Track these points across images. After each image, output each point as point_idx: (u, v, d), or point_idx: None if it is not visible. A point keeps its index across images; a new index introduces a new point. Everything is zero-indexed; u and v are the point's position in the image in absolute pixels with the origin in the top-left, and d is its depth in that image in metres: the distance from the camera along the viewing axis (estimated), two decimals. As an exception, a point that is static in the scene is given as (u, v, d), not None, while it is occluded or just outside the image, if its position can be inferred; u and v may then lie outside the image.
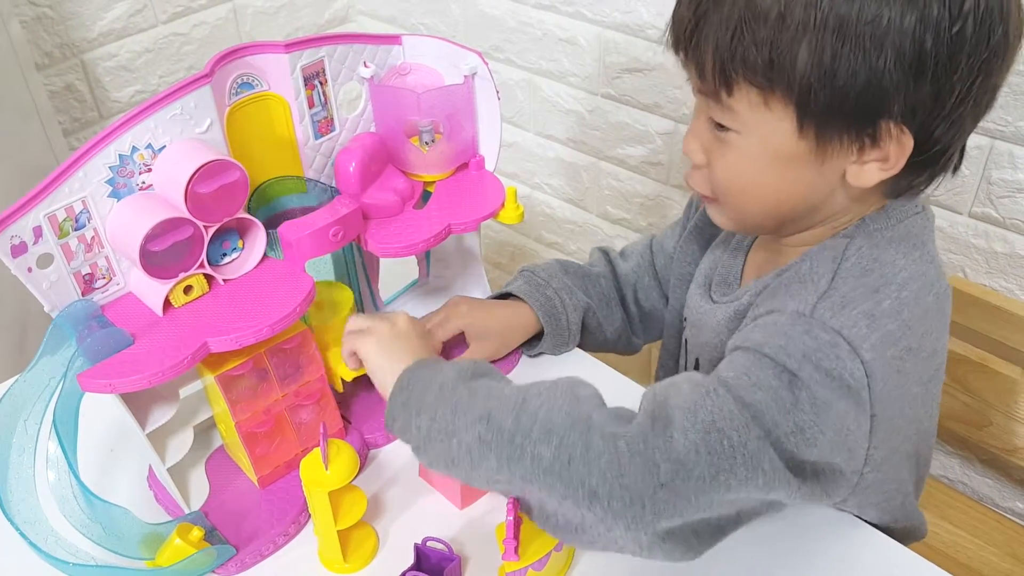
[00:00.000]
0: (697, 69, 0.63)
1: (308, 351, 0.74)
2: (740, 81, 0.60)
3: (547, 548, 0.65)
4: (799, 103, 0.59)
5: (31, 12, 1.22)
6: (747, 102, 0.61)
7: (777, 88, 0.59)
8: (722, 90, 0.62)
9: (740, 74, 0.60)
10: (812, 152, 0.62)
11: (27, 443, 0.65)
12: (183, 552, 0.67)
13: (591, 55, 1.32)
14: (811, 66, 0.57)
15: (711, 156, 0.67)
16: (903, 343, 0.62)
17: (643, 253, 0.94)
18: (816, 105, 0.59)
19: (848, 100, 0.58)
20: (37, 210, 0.62)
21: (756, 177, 0.65)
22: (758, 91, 0.60)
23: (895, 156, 0.60)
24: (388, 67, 0.81)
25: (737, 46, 0.59)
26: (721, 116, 0.64)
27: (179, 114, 0.66)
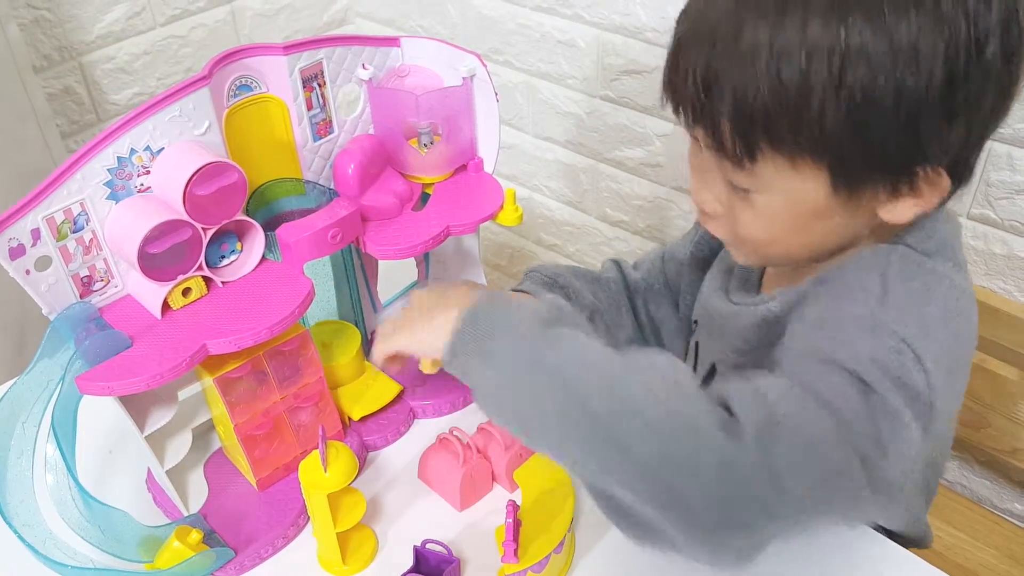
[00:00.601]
0: (712, 137, 0.58)
1: (307, 353, 0.74)
2: (764, 148, 0.57)
3: (547, 550, 0.65)
4: (832, 164, 0.56)
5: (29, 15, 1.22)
6: (773, 166, 0.58)
7: (807, 151, 0.56)
8: (744, 158, 0.58)
9: (764, 141, 0.56)
10: (844, 204, 0.59)
11: (25, 446, 0.65)
12: (182, 555, 0.67)
13: (589, 57, 1.32)
14: (840, 119, 0.54)
15: (730, 209, 0.63)
16: (953, 353, 0.60)
17: (654, 262, 0.91)
18: (848, 162, 0.56)
19: (884, 156, 0.56)
20: (35, 212, 0.62)
21: (784, 233, 0.62)
22: (785, 155, 0.57)
23: (930, 195, 0.58)
24: (387, 69, 0.81)
25: (760, 113, 0.55)
26: (741, 180, 0.60)
27: (178, 116, 0.66)
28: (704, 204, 0.65)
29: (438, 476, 0.76)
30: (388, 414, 0.83)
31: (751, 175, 0.59)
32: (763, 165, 0.58)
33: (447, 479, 0.75)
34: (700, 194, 0.65)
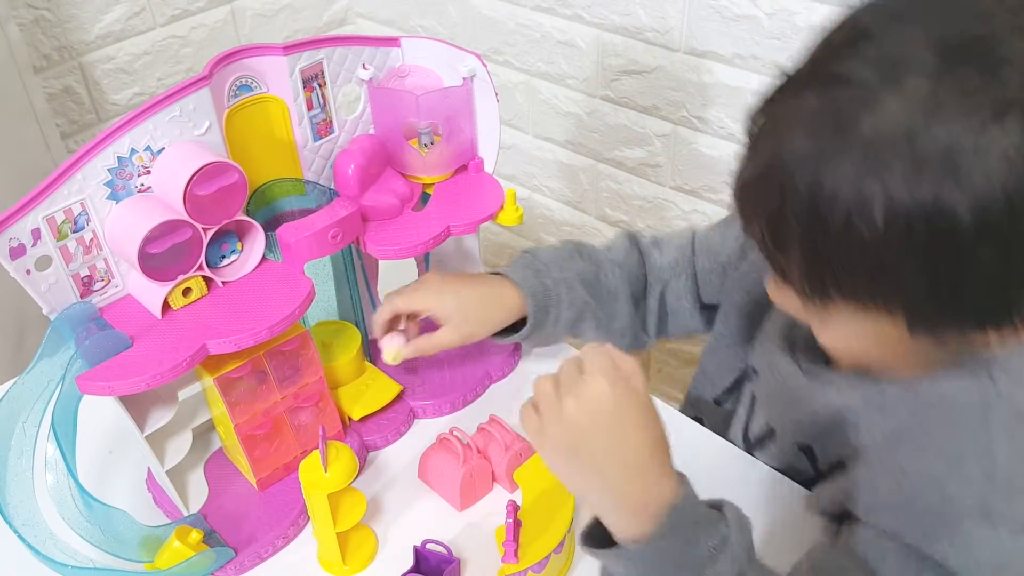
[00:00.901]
0: (781, 276, 0.55)
1: (307, 353, 0.74)
2: (836, 297, 0.53)
3: (547, 550, 0.65)
4: (909, 316, 0.52)
5: (29, 15, 1.22)
6: (845, 312, 0.54)
7: (881, 303, 0.52)
8: (818, 303, 0.54)
9: (836, 292, 0.52)
10: (924, 342, 0.54)
11: (26, 446, 0.65)
12: (182, 555, 0.67)
13: (589, 57, 1.32)
14: (923, 287, 0.49)
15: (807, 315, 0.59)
16: None
17: (683, 248, 0.87)
18: (929, 317, 0.52)
19: (966, 312, 0.51)
20: (36, 212, 0.62)
21: (859, 351, 0.60)
22: (861, 307, 0.53)
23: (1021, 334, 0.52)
24: (387, 69, 0.81)
25: (832, 267, 0.51)
26: (814, 320, 0.57)
27: (178, 116, 0.66)
28: (779, 304, 0.61)
29: (438, 476, 0.76)
30: (388, 414, 0.83)
31: (826, 314, 0.56)
32: (835, 312, 0.55)
33: (447, 479, 0.75)
34: (775, 295, 0.61)
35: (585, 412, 0.55)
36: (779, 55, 1.12)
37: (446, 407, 0.85)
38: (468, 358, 0.88)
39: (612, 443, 0.55)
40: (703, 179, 1.29)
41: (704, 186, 1.29)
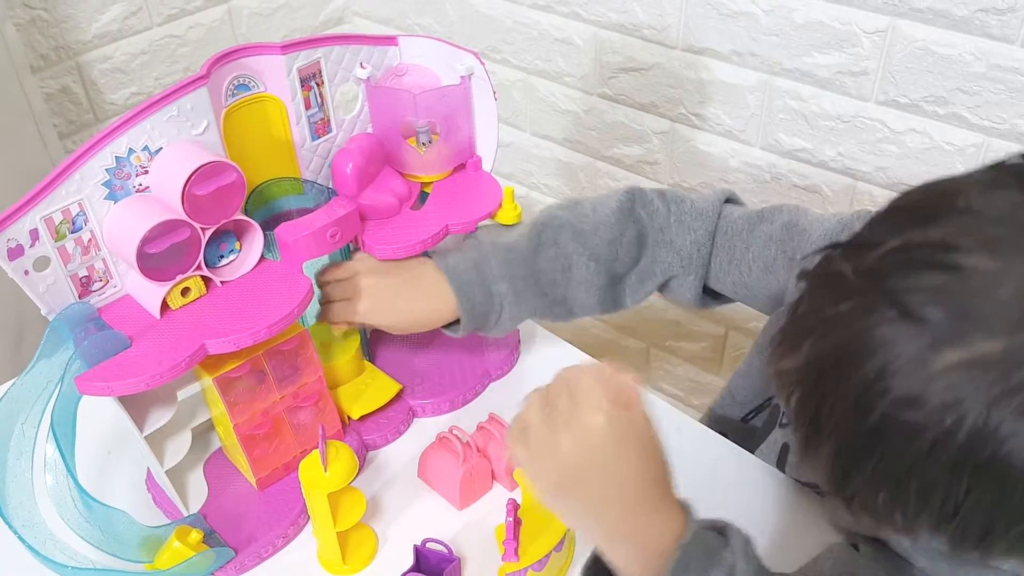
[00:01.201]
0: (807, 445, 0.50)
1: (306, 353, 0.74)
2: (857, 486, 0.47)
3: (547, 549, 0.65)
4: (952, 535, 0.46)
5: (26, 15, 1.22)
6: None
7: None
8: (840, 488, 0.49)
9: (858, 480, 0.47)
10: None
11: (25, 446, 0.65)
12: (182, 555, 0.67)
13: (587, 55, 1.32)
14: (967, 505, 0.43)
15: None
16: None
17: (702, 246, 0.79)
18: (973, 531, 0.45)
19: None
20: (34, 213, 0.62)
21: None
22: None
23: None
24: (384, 68, 0.81)
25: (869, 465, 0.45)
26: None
27: (175, 116, 0.66)
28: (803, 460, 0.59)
29: (438, 475, 0.76)
30: (388, 413, 0.83)
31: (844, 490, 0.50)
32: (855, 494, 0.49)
33: (447, 478, 0.75)
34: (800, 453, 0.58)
35: (580, 449, 0.52)
36: (777, 52, 1.12)
37: (445, 406, 0.85)
38: (467, 356, 0.89)
39: (609, 482, 0.52)
40: (701, 176, 1.29)
41: (702, 183, 1.29)
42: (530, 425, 0.55)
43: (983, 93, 0.98)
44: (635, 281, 0.81)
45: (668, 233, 0.80)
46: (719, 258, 0.80)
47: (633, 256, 0.80)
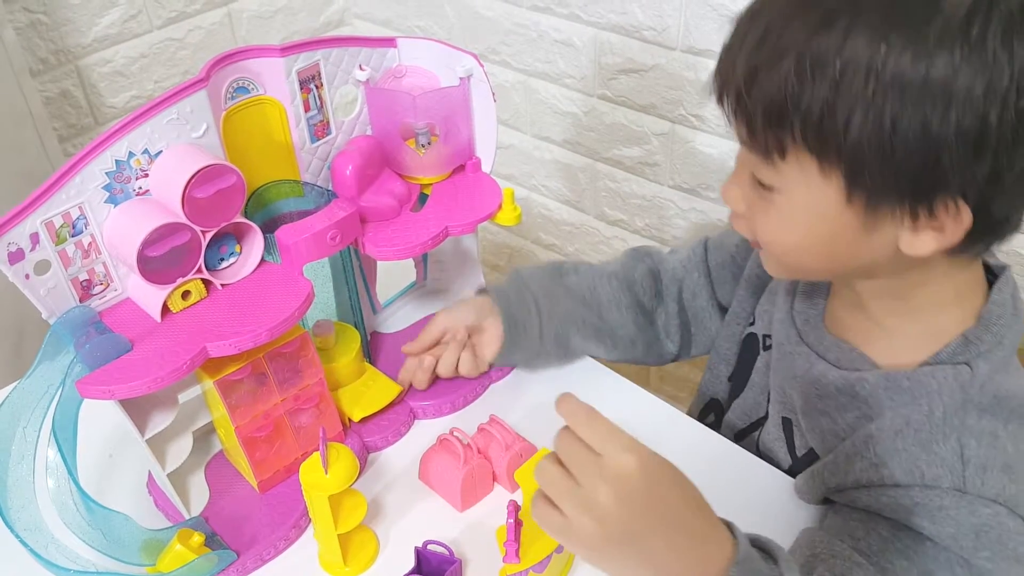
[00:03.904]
0: (747, 126, 0.60)
1: (307, 355, 0.74)
2: (792, 144, 0.57)
3: (548, 550, 0.65)
4: (849, 172, 0.56)
5: (25, 18, 1.22)
6: (799, 164, 0.58)
7: (829, 154, 0.56)
8: (774, 151, 0.58)
9: (792, 136, 0.57)
10: (860, 220, 0.59)
11: (26, 450, 0.65)
12: (184, 558, 0.67)
13: (587, 56, 1.32)
14: (865, 134, 0.54)
15: (753, 211, 0.64)
16: None
17: (695, 249, 0.89)
18: (868, 177, 0.56)
19: (903, 174, 0.55)
20: (34, 217, 0.62)
21: (799, 240, 0.62)
22: (811, 155, 0.57)
23: (951, 230, 0.57)
24: (383, 70, 0.81)
25: (791, 107, 0.55)
26: (766, 175, 0.61)
27: (175, 119, 0.66)
28: (729, 200, 0.66)
29: (439, 477, 0.76)
30: (388, 415, 0.83)
31: (777, 172, 0.60)
32: (790, 164, 0.58)
33: (448, 480, 0.75)
34: (728, 191, 0.66)
35: (621, 498, 0.51)
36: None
37: (446, 407, 0.85)
38: (468, 358, 0.88)
39: (658, 524, 0.52)
40: (701, 177, 1.29)
41: (702, 184, 1.29)
42: (558, 492, 0.53)
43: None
44: (671, 305, 0.90)
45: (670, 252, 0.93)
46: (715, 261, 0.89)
47: (649, 279, 0.89)
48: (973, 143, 0.52)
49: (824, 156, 0.56)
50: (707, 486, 0.56)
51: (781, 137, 0.57)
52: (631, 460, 0.51)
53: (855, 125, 0.54)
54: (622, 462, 0.51)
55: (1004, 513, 0.59)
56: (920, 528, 0.61)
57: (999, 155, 0.53)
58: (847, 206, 0.58)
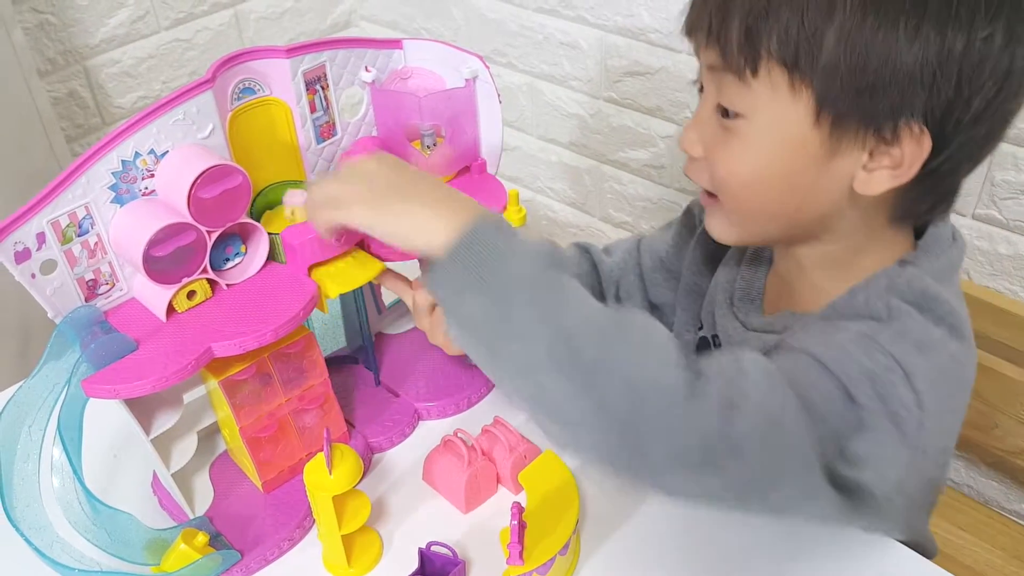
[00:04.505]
0: (721, 46, 0.60)
1: (312, 355, 0.74)
2: (766, 58, 0.58)
3: (551, 552, 0.65)
4: (821, 88, 0.58)
5: (34, 19, 1.23)
6: (769, 83, 0.59)
7: (803, 68, 0.58)
8: (747, 68, 0.59)
9: (767, 48, 0.58)
10: (823, 145, 0.60)
11: (31, 449, 0.65)
12: (188, 557, 0.67)
13: (593, 59, 1.32)
14: (842, 51, 0.56)
15: (712, 150, 0.65)
16: (952, 376, 0.62)
17: (630, 251, 0.92)
18: (839, 92, 0.57)
19: (873, 92, 0.57)
20: (40, 216, 0.62)
21: (759, 168, 0.63)
22: (783, 70, 0.58)
23: (910, 158, 0.59)
24: (389, 71, 0.81)
25: (768, 20, 0.57)
26: (734, 99, 0.61)
27: (181, 119, 0.66)
28: (686, 144, 0.67)
29: (443, 478, 0.76)
30: (393, 416, 0.83)
31: (748, 91, 0.60)
32: (761, 81, 0.60)
33: (452, 481, 0.75)
34: (686, 135, 0.67)
35: (378, 162, 0.62)
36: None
37: (450, 409, 0.85)
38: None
39: (415, 177, 0.61)
40: (707, 180, 1.29)
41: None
42: (324, 183, 0.63)
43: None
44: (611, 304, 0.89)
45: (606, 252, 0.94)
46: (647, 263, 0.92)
47: (595, 277, 0.92)
48: (940, 68, 0.55)
49: (796, 70, 0.58)
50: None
51: (756, 50, 0.59)
52: (366, 159, 0.63)
53: (830, 38, 0.56)
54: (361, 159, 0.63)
55: (900, 376, 0.58)
56: (813, 351, 0.60)
57: (961, 85, 0.56)
58: (813, 127, 0.59)
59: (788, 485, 0.55)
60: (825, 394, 0.57)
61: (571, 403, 0.52)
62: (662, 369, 0.52)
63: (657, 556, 0.71)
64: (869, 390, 0.58)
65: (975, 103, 0.57)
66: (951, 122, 0.58)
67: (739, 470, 0.53)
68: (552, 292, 0.54)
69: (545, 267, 0.54)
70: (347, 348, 0.91)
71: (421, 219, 0.57)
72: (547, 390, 0.52)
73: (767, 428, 0.53)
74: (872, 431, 0.58)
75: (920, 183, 0.60)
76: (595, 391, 0.51)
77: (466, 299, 0.54)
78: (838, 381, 0.58)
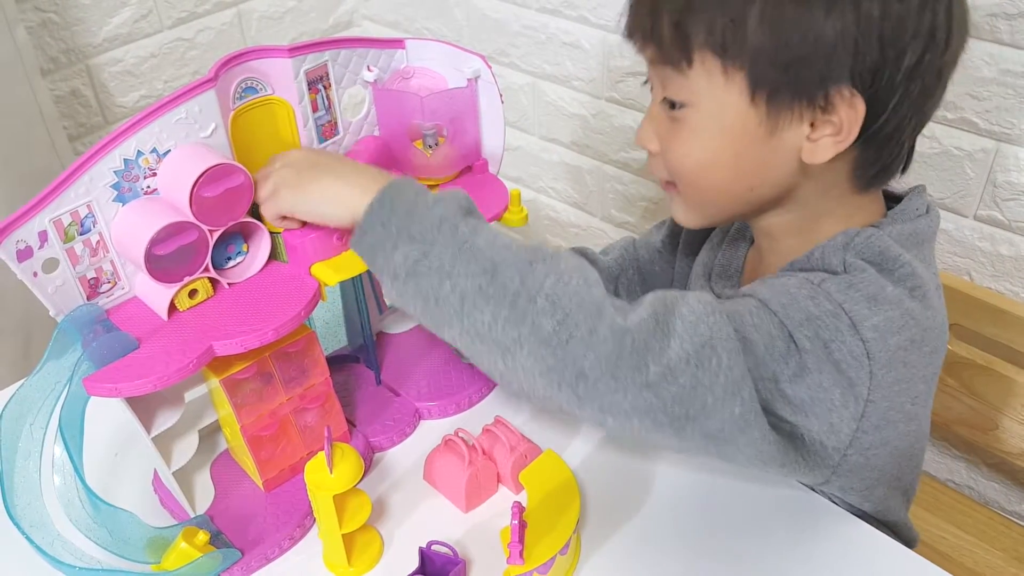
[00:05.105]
0: (656, 43, 0.64)
1: (313, 354, 0.74)
2: (697, 48, 0.62)
3: (552, 552, 0.65)
4: (751, 69, 0.61)
5: (36, 18, 1.23)
6: (704, 72, 0.63)
7: (732, 54, 0.61)
8: (682, 60, 0.63)
9: (697, 40, 0.62)
10: (763, 124, 0.63)
11: (33, 447, 0.65)
12: (188, 556, 0.67)
13: (595, 59, 1.32)
14: (764, 30, 0.59)
15: (666, 141, 0.68)
16: (906, 333, 0.63)
17: (626, 247, 0.94)
18: (768, 71, 0.60)
19: (800, 64, 0.60)
20: (42, 215, 0.62)
21: (708, 153, 0.66)
22: (715, 57, 0.62)
23: (848, 123, 0.61)
24: (391, 71, 0.81)
25: (694, 13, 0.61)
26: (677, 90, 0.65)
27: (184, 119, 0.67)
28: (645, 141, 0.70)
29: (443, 477, 0.76)
30: (394, 415, 0.83)
31: (687, 81, 0.64)
32: (696, 71, 0.63)
33: (452, 480, 0.75)
34: (641, 131, 0.71)
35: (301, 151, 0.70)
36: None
37: (451, 408, 0.85)
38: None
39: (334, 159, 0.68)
40: (709, 180, 1.29)
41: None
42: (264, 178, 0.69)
43: (993, 98, 0.98)
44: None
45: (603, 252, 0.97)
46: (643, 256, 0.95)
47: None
48: (861, 32, 0.58)
49: (727, 56, 0.61)
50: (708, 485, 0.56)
51: (688, 42, 0.62)
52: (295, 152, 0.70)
53: (752, 22, 0.59)
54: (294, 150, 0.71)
55: (846, 324, 0.60)
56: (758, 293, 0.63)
57: (885, 45, 0.59)
58: (751, 107, 0.63)
59: (722, 411, 0.56)
60: (765, 333, 0.59)
61: (505, 329, 0.56)
62: (584, 287, 0.56)
63: (657, 555, 0.71)
64: (811, 333, 0.60)
65: (904, 61, 0.60)
66: (883, 83, 0.60)
67: (673, 391, 0.55)
68: (470, 229, 0.58)
69: (460, 211, 0.60)
70: (348, 347, 0.91)
71: (339, 191, 0.64)
72: (483, 322, 0.56)
73: (700, 349, 0.55)
74: (814, 375, 0.60)
75: (867, 146, 0.64)
76: (524, 313, 0.55)
77: (392, 254, 0.59)
78: (780, 323, 0.60)
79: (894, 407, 0.65)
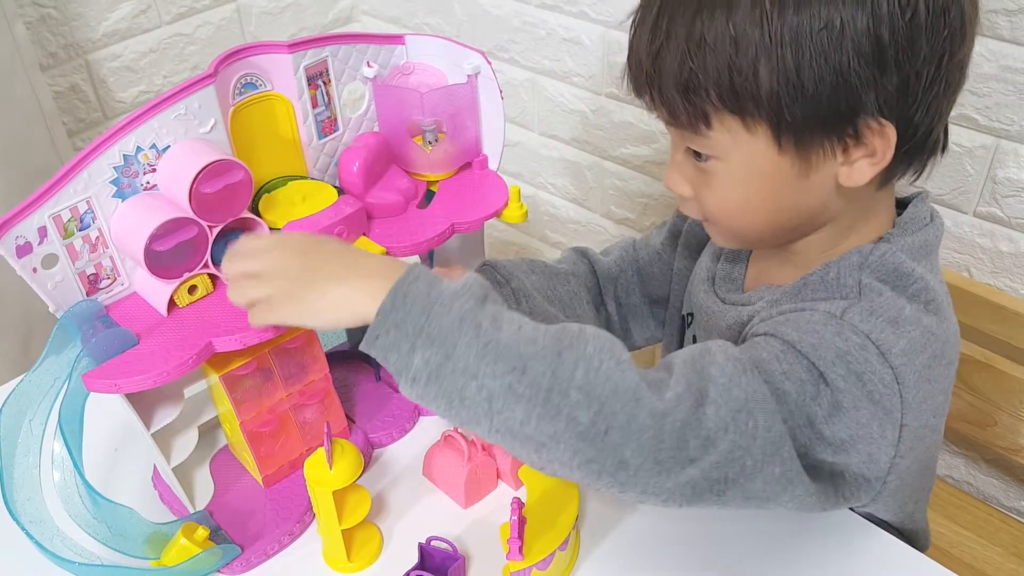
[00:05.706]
0: (667, 109, 0.63)
1: (312, 351, 0.74)
2: (713, 111, 0.60)
3: (551, 547, 0.65)
4: (772, 120, 0.59)
5: (35, 13, 1.22)
6: (725, 128, 0.61)
7: (749, 109, 0.59)
8: (700, 123, 0.62)
9: (710, 103, 0.60)
10: (796, 166, 0.62)
11: (32, 443, 0.65)
12: (188, 551, 0.68)
13: (595, 55, 1.32)
14: (776, 82, 0.57)
15: (697, 187, 0.67)
16: (928, 350, 0.62)
17: (626, 248, 0.93)
18: (790, 118, 0.59)
19: (820, 106, 0.58)
20: (42, 211, 0.62)
21: (745, 201, 0.65)
22: (732, 115, 0.60)
23: (881, 149, 0.60)
24: (391, 67, 0.81)
25: (699, 78, 0.59)
26: (700, 145, 0.64)
27: (183, 114, 0.66)
28: (674, 186, 0.69)
29: (443, 473, 0.77)
30: (393, 411, 0.83)
31: (709, 140, 0.63)
32: (716, 130, 0.62)
33: (452, 476, 0.75)
34: (670, 177, 0.69)
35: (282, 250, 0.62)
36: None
37: (451, 404, 0.85)
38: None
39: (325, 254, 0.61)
40: (708, 176, 1.29)
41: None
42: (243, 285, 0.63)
43: (993, 95, 0.98)
44: (611, 305, 0.92)
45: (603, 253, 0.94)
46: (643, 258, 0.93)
47: (594, 278, 0.92)
48: (875, 62, 0.57)
49: (745, 112, 0.60)
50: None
51: (701, 107, 0.60)
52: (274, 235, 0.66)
53: (763, 76, 0.57)
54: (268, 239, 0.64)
55: (874, 354, 0.59)
56: (783, 335, 0.61)
57: (903, 66, 0.57)
58: (780, 154, 0.61)
59: (763, 473, 0.55)
60: (796, 379, 0.58)
61: (540, 426, 0.53)
62: (616, 371, 0.53)
63: (656, 552, 0.71)
64: (843, 370, 0.59)
65: (925, 71, 0.58)
66: (908, 99, 0.59)
67: (713, 459, 0.54)
68: (492, 323, 0.54)
69: (479, 303, 0.55)
70: (348, 343, 0.91)
71: (345, 297, 0.58)
72: (514, 420, 0.53)
73: (736, 415, 0.54)
74: (851, 412, 0.59)
75: (901, 155, 0.62)
76: (558, 409, 0.52)
77: (411, 357, 0.54)
78: (809, 364, 0.59)
79: (923, 424, 0.65)
